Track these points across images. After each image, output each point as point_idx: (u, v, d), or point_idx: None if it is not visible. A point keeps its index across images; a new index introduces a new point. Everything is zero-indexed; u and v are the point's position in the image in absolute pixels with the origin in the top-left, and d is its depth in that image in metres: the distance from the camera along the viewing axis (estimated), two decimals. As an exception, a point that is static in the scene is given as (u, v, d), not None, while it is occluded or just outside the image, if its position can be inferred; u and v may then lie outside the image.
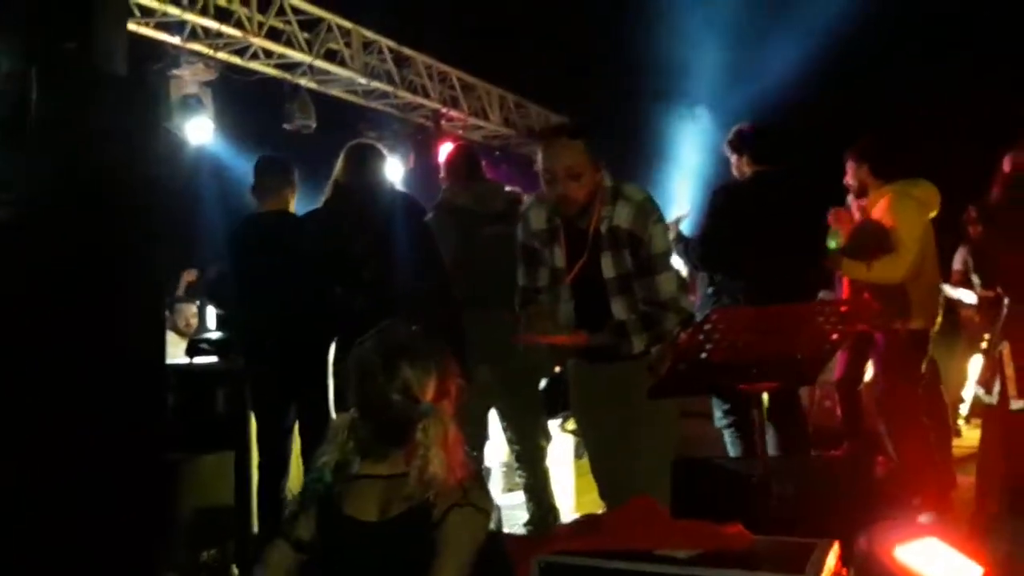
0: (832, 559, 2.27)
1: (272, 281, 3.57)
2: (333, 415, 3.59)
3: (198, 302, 5.38)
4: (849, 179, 4.56)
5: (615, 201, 2.92)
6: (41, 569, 2.47)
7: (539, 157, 3.00)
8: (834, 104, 7.84)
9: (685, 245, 4.10)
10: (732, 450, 4.19)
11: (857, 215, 4.47)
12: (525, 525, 4.15)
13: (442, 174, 4.38)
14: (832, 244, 4.37)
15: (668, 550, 2.26)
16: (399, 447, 2.10)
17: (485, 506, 2.18)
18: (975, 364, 5.41)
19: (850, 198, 4.65)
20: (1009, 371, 2.44)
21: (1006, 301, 3.11)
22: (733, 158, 4.23)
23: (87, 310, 2.74)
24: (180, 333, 5.20)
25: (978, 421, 4.53)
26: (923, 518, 3.79)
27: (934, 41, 8.10)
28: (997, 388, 2.52)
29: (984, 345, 3.80)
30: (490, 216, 4.10)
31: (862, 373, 4.89)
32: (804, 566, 2.17)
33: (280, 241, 3.64)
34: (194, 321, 5.35)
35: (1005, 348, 2.48)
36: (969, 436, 5.14)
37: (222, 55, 6.66)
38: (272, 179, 3.83)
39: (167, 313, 4.93)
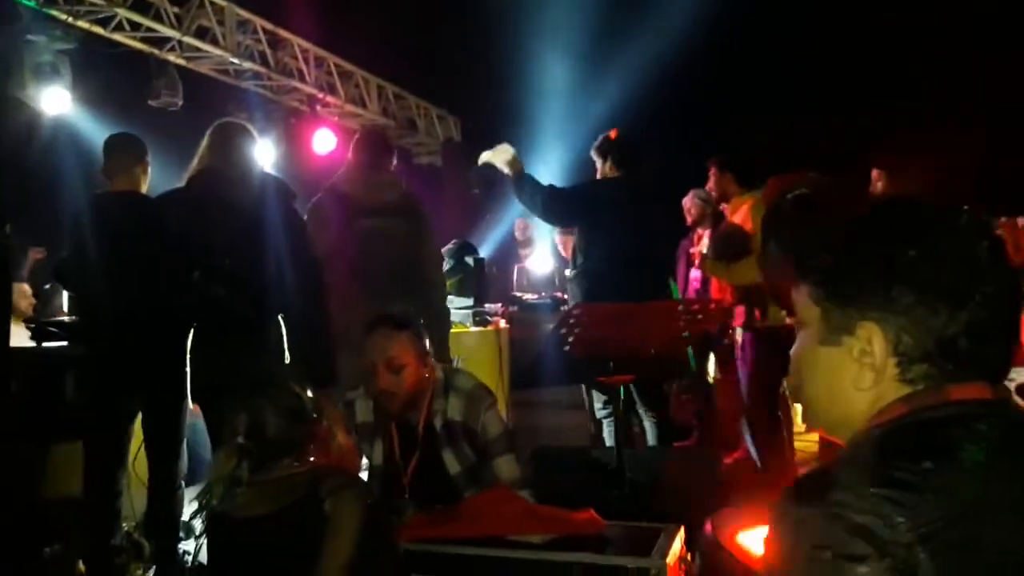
0: (678, 543, 2.39)
1: (122, 265, 3.37)
2: (189, 406, 3.50)
3: (47, 284, 5.06)
4: (711, 186, 4.86)
5: (447, 394, 2.82)
6: None
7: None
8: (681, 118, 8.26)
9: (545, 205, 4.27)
10: (609, 440, 4.37)
11: None
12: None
13: (348, 155, 4.29)
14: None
15: (523, 535, 2.33)
16: (297, 449, 2.22)
17: (366, 486, 2.34)
18: None
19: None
20: None
21: None
22: (598, 162, 4.48)
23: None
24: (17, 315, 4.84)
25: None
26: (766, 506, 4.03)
27: (785, 58, 8.62)
28: None
29: None
30: (374, 208, 4.06)
31: (706, 368, 5.27)
32: (651, 550, 2.28)
33: (131, 223, 3.46)
34: (25, 302, 4.99)
35: None
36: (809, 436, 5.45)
37: (83, 23, 6.32)
38: (123, 158, 3.61)
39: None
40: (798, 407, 6.16)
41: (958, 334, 1.00)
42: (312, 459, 2.26)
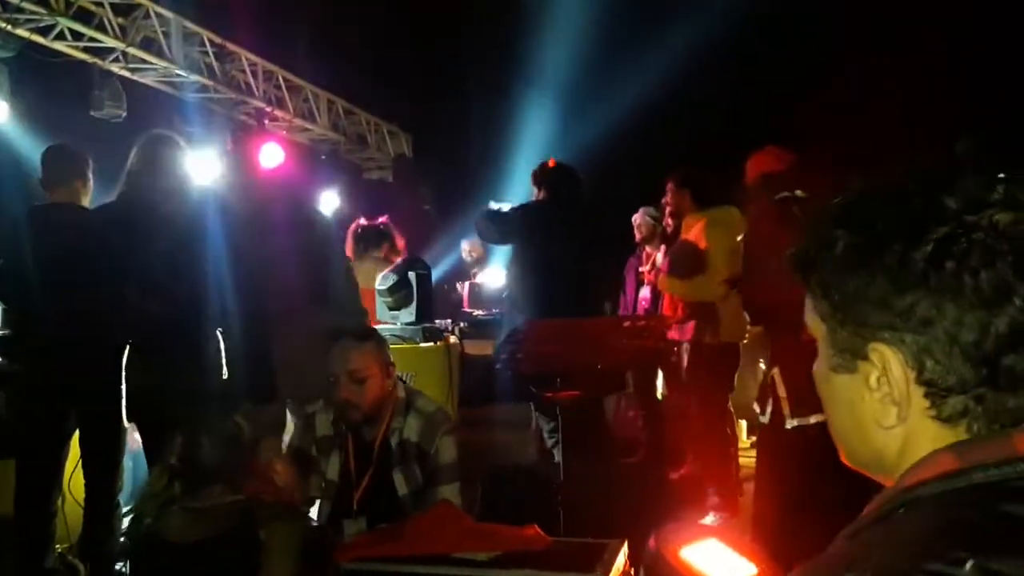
0: (621, 558, 2.40)
1: (58, 278, 3.29)
2: (125, 423, 3.42)
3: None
4: (668, 200, 4.94)
5: (407, 413, 2.82)
6: None
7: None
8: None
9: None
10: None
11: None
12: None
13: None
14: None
15: (468, 553, 2.32)
16: (232, 478, 2.20)
17: (304, 513, 2.31)
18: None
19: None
20: (782, 393, 2.64)
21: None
22: (534, 189, 4.66)
23: None
24: None
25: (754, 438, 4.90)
26: (709, 520, 4.08)
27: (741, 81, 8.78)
28: (769, 409, 2.73)
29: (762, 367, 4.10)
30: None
31: (654, 384, 5.33)
32: (595, 565, 2.28)
33: (68, 236, 3.39)
34: None
35: (776, 373, 2.67)
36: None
37: (22, 32, 6.17)
38: (61, 169, 3.53)
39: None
40: (743, 423, 6.27)
41: (1000, 351, 0.75)
42: (251, 489, 2.22)
